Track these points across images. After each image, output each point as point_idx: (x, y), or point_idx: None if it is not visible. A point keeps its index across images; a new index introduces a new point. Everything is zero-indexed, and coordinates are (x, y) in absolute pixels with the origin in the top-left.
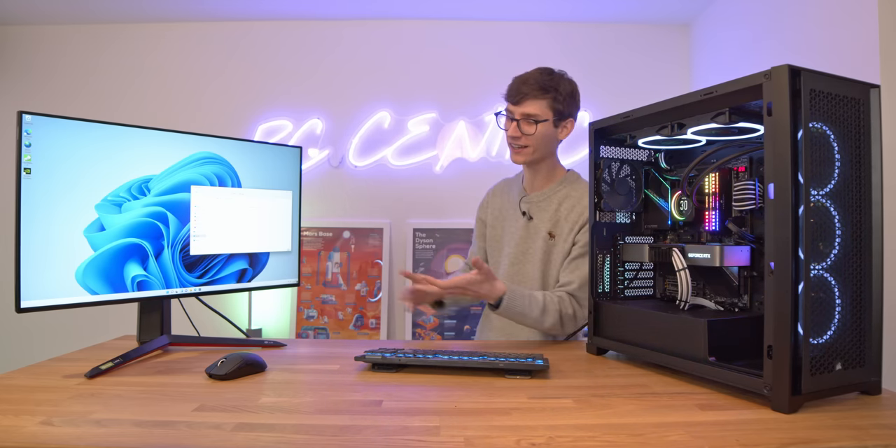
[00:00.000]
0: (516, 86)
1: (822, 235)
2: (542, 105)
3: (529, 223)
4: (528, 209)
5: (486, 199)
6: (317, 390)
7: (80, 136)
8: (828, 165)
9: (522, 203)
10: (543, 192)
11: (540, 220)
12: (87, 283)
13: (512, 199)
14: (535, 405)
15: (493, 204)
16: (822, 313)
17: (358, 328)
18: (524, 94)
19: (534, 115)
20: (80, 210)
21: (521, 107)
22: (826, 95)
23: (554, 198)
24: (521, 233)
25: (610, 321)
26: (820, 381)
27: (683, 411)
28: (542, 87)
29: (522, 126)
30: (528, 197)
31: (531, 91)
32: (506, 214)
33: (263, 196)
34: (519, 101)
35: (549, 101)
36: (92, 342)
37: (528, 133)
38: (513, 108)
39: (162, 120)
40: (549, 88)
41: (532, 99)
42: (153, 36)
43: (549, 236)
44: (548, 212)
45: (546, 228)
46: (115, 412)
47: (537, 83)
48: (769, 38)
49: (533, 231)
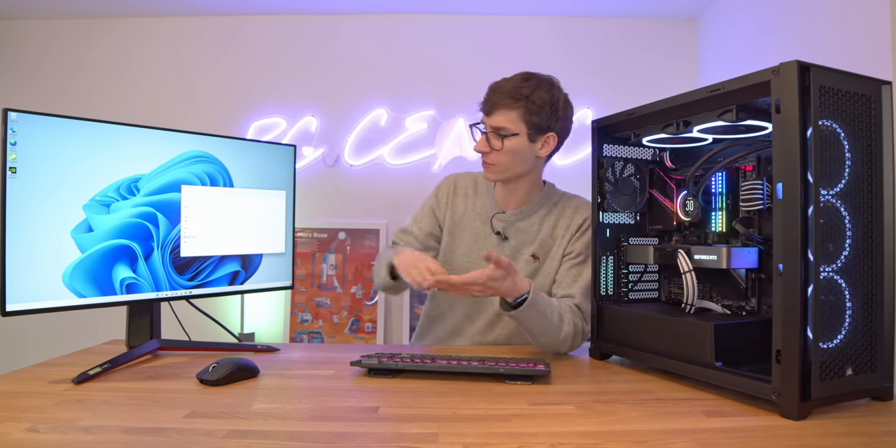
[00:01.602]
0: (488, 93)
1: (832, 236)
2: (511, 117)
3: (504, 243)
4: (503, 229)
5: (448, 191)
6: (311, 396)
7: (67, 134)
8: (838, 164)
9: (496, 221)
10: (521, 210)
11: (520, 242)
12: (74, 285)
13: (479, 208)
14: (537, 411)
15: (454, 205)
16: (832, 317)
17: (354, 332)
18: (493, 104)
19: (501, 128)
20: (67, 210)
21: (491, 118)
22: (836, 92)
23: (535, 217)
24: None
25: (613, 325)
26: (830, 386)
27: (689, 418)
28: (513, 95)
29: (491, 140)
30: (502, 215)
31: (501, 100)
32: (469, 226)
33: (256, 196)
34: (489, 112)
35: (521, 111)
36: (79, 346)
37: (496, 148)
38: (485, 118)
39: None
40: (521, 97)
41: (502, 109)
42: (143, 30)
43: (532, 258)
44: (529, 233)
45: (529, 251)
46: (104, 419)
47: (508, 91)
48: (778, 32)
49: (509, 252)
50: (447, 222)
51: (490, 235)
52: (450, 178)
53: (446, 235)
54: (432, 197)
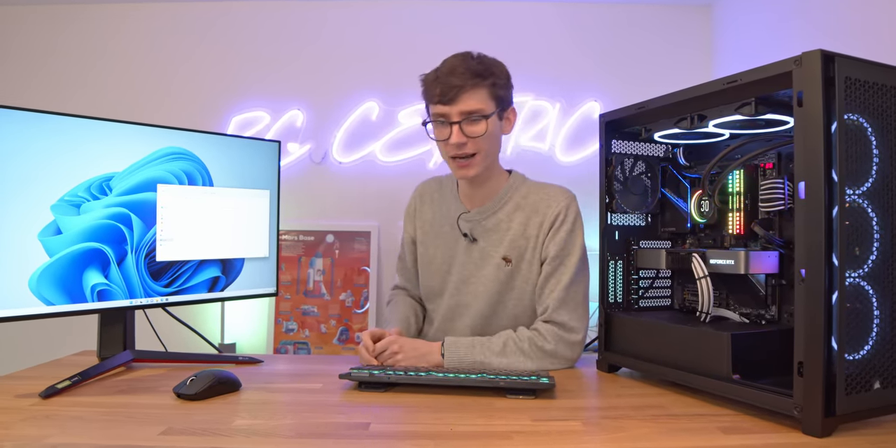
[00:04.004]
0: (444, 79)
1: (859, 239)
2: (482, 95)
3: (473, 245)
4: (470, 230)
5: (414, 204)
6: (297, 411)
7: (33, 128)
8: (865, 161)
9: (462, 222)
10: (486, 206)
11: (488, 243)
12: (41, 292)
13: (446, 211)
14: (540, 428)
15: (423, 215)
16: (859, 326)
17: (343, 342)
18: (458, 88)
19: (477, 110)
20: (34, 211)
21: (457, 104)
22: (863, 84)
23: (500, 213)
24: (461, 257)
25: (622, 335)
26: (856, 401)
27: (705, 435)
28: (477, 73)
29: (466, 128)
30: (467, 215)
31: (465, 81)
32: (439, 231)
33: (238, 196)
34: (454, 98)
35: (489, 88)
36: (47, 358)
37: (476, 134)
38: (445, 108)
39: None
40: (485, 73)
41: (470, 90)
42: (116, 17)
43: (504, 262)
44: (497, 232)
45: (500, 253)
46: (73, 436)
47: (469, 71)
48: (798, 19)
49: (478, 255)
50: (419, 235)
51: (459, 239)
52: (415, 190)
53: (420, 246)
54: (404, 216)
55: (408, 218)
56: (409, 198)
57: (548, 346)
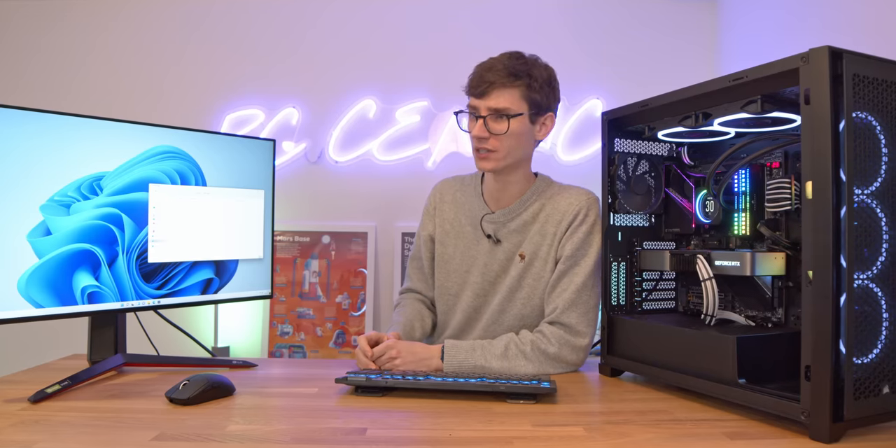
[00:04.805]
0: (479, 74)
1: (868, 240)
2: (513, 95)
3: (496, 247)
4: (494, 232)
5: (434, 202)
6: (292, 417)
7: (21, 127)
8: (873, 160)
9: (485, 223)
10: (511, 208)
11: (513, 245)
12: (30, 294)
13: (468, 211)
14: (541, 434)
15: (443, 213)
16: (867, 329)
17: (339, 346)
18: (490, 83)
19: (504, 108)
20: (23, 212)
21: (487, 99)
22: (872, 81)
23: (526, 214)
24: (483, 258)
25: (626, 338)
26: (865, 406)
27: (710, 441)
28: (513, 72)
29: (490, 124)
30: (492, 216)
31: (499, 78)
32: (461, 232)
33: (231, 196)
34: (484, 93)
35: (523, 89)
36: (36, 362)
37: (499, 132)
38: (477, 102)
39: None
40: (522, 74)
41: (501, 88)
42: (105, 12)
43: (519, 258)
44: (522, 234)
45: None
46: (63, 442)
47: (506, 68)
48: (807, 14)
49: (503, 256)
50: (438, 234)
51: (481, 239)
52: (434, 188)
53: (438, 245)
54: (423, 215)
55: (427, 216)
56: (428, 196)
57: (551, 350)
